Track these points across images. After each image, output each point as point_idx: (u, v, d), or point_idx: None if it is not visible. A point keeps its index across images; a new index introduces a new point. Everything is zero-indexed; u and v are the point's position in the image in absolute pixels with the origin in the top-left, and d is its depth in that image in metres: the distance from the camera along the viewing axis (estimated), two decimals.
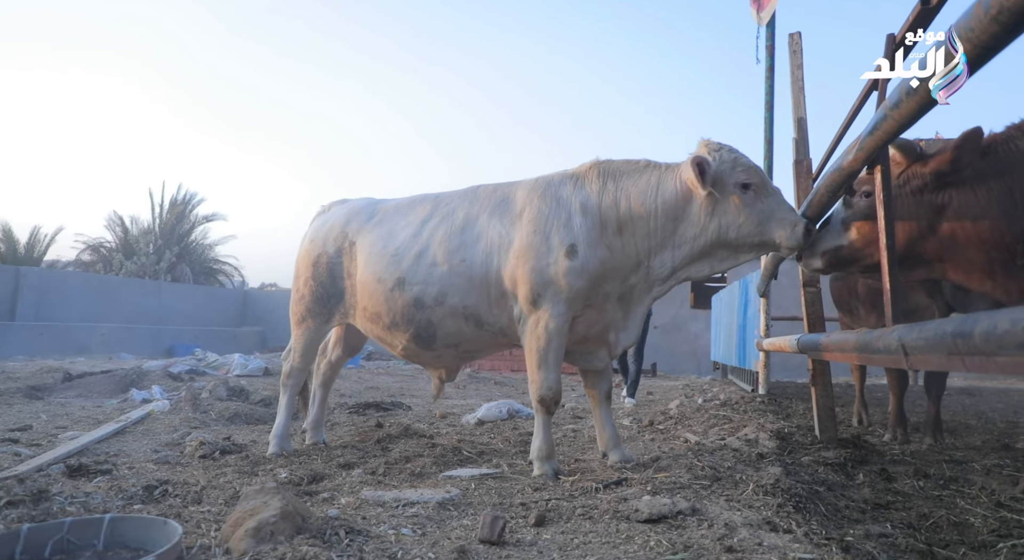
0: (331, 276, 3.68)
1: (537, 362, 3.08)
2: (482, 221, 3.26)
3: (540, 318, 3.04)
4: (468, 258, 3.21)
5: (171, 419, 4.95)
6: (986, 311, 1.28)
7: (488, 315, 3.24)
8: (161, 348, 16.40)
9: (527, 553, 1.84)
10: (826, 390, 3.81)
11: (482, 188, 3.46)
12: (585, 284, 3.03)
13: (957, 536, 2.23)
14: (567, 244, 3.02)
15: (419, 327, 3.33)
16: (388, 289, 3.35)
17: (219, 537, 1.85)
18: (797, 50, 3.91)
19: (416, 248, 3.33)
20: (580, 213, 3.08)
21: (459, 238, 3.26)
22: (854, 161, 2.05)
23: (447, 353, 3.48)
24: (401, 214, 3.57)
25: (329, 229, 3.78)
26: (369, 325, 3.56)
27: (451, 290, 3.22)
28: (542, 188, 3.21)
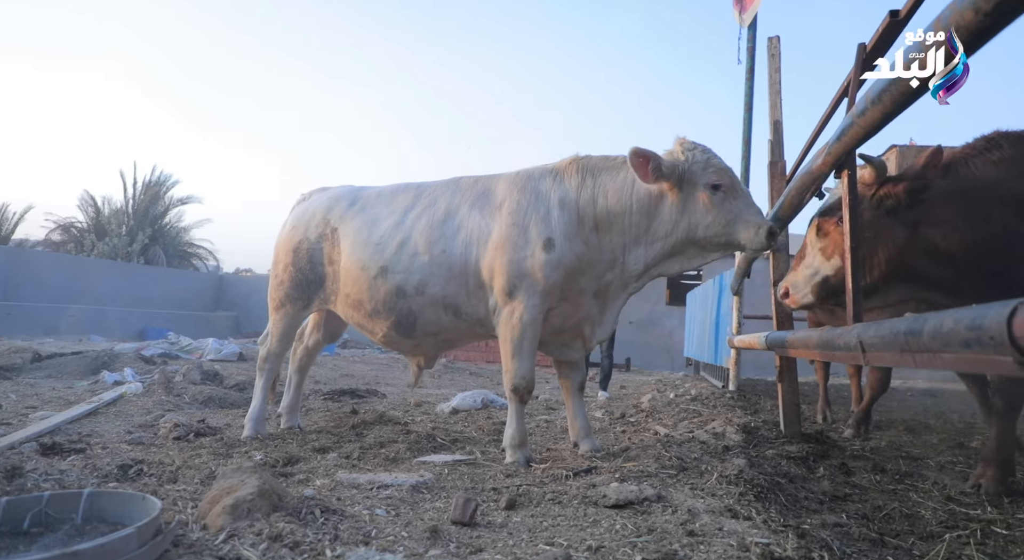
0: (311, 263, 3.69)
1: (511, 352, 3.13)
2: (463, 212, 3.30)
3: (515, 309, 3.09)
4: (448, 249, 3.25)
5: (144, 401, 4.93)
6: (934, 312, 1.36)
7: (466, 305, 3.28)
8: (133, 331, 16.17)
9: (497, 534, 1.90)
10: (792, 386, 3.93)
11: (464, 180, 3.50)
12: (560, 277, 3.09)
13: (908, 527, 2.34)
14: (544, 237, 3.07)
15: (400, 315, 3.36)
16: (371, 277, 3.38)
17: (196, 514, 1.89)
18: (776, 54, 4.00)
19: (399, 237, 3.37)
20: (558, 207, 3.13)
21: (440, 229, 3.30)
22: (823, 165, 2.14)
23: (426, 341, 3.52)
24: (384, 203, 3.59)
25: (311, 216, 3.79)
26: (351, 312, 3.58)
27: (432, 279, 3.27)
28: (522, 182, 3.26)
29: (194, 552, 1.59)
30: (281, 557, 1.58)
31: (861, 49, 2.09)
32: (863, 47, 2.09)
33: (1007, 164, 2.40)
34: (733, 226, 2.96)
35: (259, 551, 1.60)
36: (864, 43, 2.09)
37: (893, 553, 2.00)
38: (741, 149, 7.25)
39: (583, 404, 3.57)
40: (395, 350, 3.78)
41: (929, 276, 2.63)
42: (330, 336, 4.26)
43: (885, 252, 2.57)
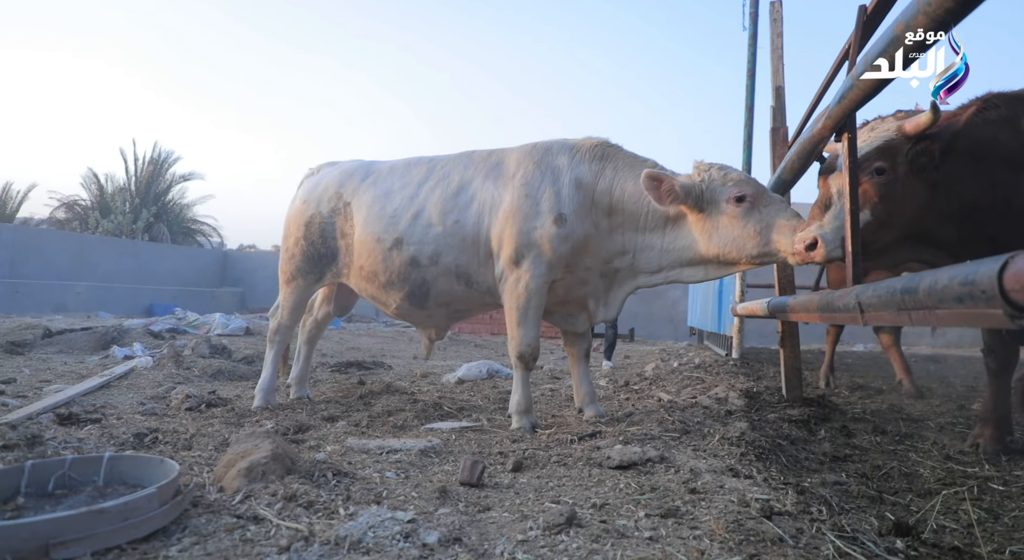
0: (323, 236, 3.71)
1: (517, 320, 3.17)
2: (476, 184, 3.34)
3: (520, 277, 3.13)
4: (461, 219, 3.29)
5: (155, 375, 5.00)
6: (929, 270, 1.39)
7: (477, 274, 3.33)
8: (140, 307, 16.29)
9: (504, 494, 1.96)
10: (794, 352, 3.97)
11: (477, 153, 3.52)
12: (568, 251, 3.12)
13: (906, 485, 2.40)
14: (556, 212, 3.10)
15: (414, 285, 3.41)
16: (386, 249, 3.42)
17: (212, 477, 1.95)
18: (777, 19, 3.96)
19: (413, 209, 3.40)
20: (573, 186, 3.15)
21: (454, 200, 3.33)
22: (823, 129, 2.14)
23: (438, 312, 3.56)
24: (397, 175, 3.61)
25: (323, 190, 3.80)
26: (364, 284, 3.61)
27: (445, 249, 3.31)
28: (539, 154, 3.28)
29: (212, 512, 1.65)
30: (296, 516, 1.64)
31: (862, 11, 2.08)
32: (863, 9, 2.07)
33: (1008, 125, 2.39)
34: (767, 235, 2.81)
35: (275, 510, 1.66)
36: (864, 5, 2.07)
37: (891, 509, 2.06)
38: (744, 116, 7.19)
39: (588, 371, 3.63)
40: (407, 321, 3.79)
41: (938, 238, 2.59)
42: (340, 309, 4.28)
43: (909, 211, 2.47)
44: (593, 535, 1.55)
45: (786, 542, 1.54)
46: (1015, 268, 1.03)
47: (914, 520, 1.93)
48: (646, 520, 1.67)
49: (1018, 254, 1.04)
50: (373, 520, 1.54)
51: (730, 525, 1.60)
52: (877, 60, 1.69)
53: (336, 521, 1.60)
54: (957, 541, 1.75)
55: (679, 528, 1.62)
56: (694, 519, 1.69)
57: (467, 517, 1.70)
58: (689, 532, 1.58)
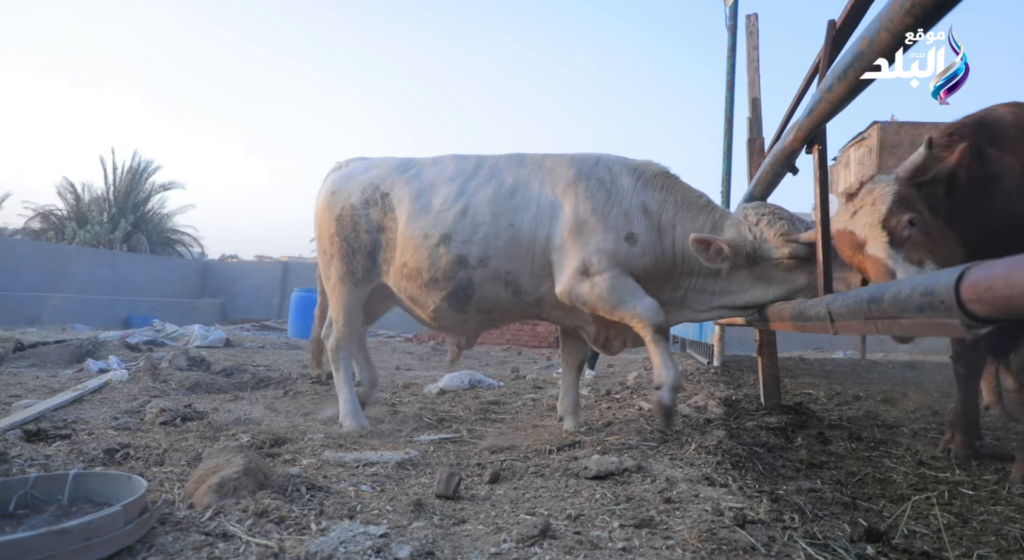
0: (356, 229, 3.49)
1: (623, 300, 2.98)
2: (533, 188, 3.21)
3: (596, 280, 2.99)
4: (517, 223, 3.15)
5: (130, 388, 4.92)
6: (894, 280, 1.41)
7: (528, 284, 3.19)
8: (117, 319, 16.04)
9: (480, 506, 1.95)
10: (772, 360, 4.00)
11: (529, 156, 3.40)
12: (639, 268, 3.05)
13: (879, 490, 2.42)
14: (627, 231, 3.04)
15: (458, 287, 3.22)
16: (433, 245, 3.22)
17: (183, 493, 1.92)
18: (753, 31, 4.02)
19: (460, 205, 3.23)
20: (641, 210, 3.09)
21: (508, 202, 3.19)
22: (794, 141, 2.17)
23: (475, 318, 3.40)
24: (440, 168, 3.43)
25: (356, 182, 3.56)
26: (405, 283, 3.39)
27: (496, 253, 3.16)
28: (602, 170, 3.19)
29: (181, 529, 1.62)
30: (267, 532, 1.62)
31: (831, 26, 2.12)
32: (832, 24, 2.11)
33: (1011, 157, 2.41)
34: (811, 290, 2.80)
35: (245, 527, 1.64)
36: (833, 20, 2.11)
37: (864, 515, 2.08)
38: (724, 127, 7.29)
39: (578, 383, 3.65)
40: (439, 326, 3.57)
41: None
42: (369, 317, 4.01)
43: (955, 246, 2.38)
44: (567, 547, 1.54)
45: (758, 551, 1.55)
46: (971, 279, 1.05)
47: (885, 526, 1.95)
48: (620, 531, 1.67)
49: (973, 265, 1.06)
50: (345, 535, 1.53)
51: (703, 534, 1.60)
52: (846, 73, 1.73)
53: (307, 537, 1.58)
54: (927, 546, 1.78)
55: (652, 538, 1.62)
56: (668, 529, 1.69)
57: (441, 531, 1.69)
58: (662, 542, 1.59)
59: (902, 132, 17.72)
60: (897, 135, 17.69)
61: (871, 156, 18.37)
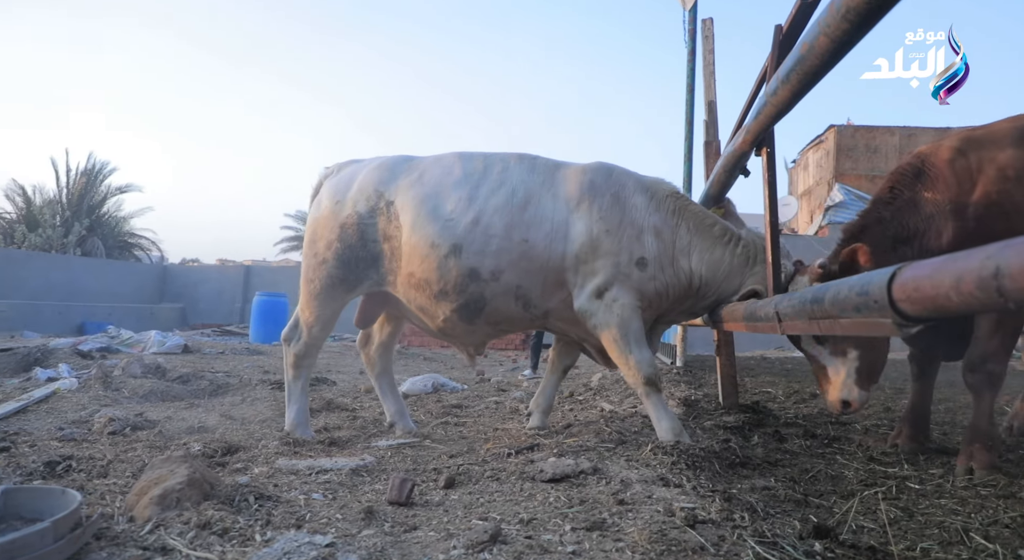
0: (362, 238, 3.29)
1: (625, 346, 3.00)
2: (546, 202, 3.11)
3: (611, 306, 2.99)
4: (531, 239, 3.05)
5: (79, 397, 4.76)
6: (836, 280, 1.43)
7: (538, 298, 3.13)
8: (71, 326, 15.54)
9: (433, 512, 1.92)
10: (729, 360, 4.06)
11: (540, 161, 3.29)
12: (651, 292, 3.06)
13: (831, 487, 2.47)
14: (639, 255, 3.02)
15: (470, 299, 3.11)
16: (442, 256, 3.08)
17: (124, 506, 1.85)
18: (709, 35, 4.08)
19: (471, 214, 3.09)
20: (654, 234, 3.07)
21: (521, 215, 3.08)
22: (743, 143, 2.20)
23: (484, 329, 3.31)
24: (446, 172, 3.25)
25: (359, 188, 3.35)
26: (413, 293, 3.23)
27: (509, 267, 3.06)
28: (617, 188, 3.13)
29: (117, 544, 1.56)
30: (209, 544, 1.57)
31: (777, 31, 2.15)
32: (779, 29, 2.15)
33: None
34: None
35: (186, 540, 1.59)
36: (780, 25, 2.15)
37: (815, 512, 2.11)
38: (684, 130, 7.38)
39: (559, 385, 3.76)
40: (448, 337, 3.44)
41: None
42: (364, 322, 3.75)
43: None
44: (516, 552, 1.53)
45: (707, 550, 1.55)
46: (901, 279, 1.07)
47: (834, 521, 1.98)
48: (571, 534, 1.67)
49: (904, 266, 1.08)
50: (289, 546, 1.49)
51: (653, 535, 1.61)
52: (789, 76, 1.75)
53: (251, 548, 1.54)
54: (873, 540, 1.81)
55: (603, 540, 1.62)
56: (619, 531, 1.69)
57: (391, 538, 1.67)
58: (612, 544, 1.59)
59: (857, 135, 18.34)
60: (853, 138, 18.31)
61: (828, 159, 18.92)
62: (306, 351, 3.43)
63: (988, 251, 0.82)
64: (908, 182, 2.72)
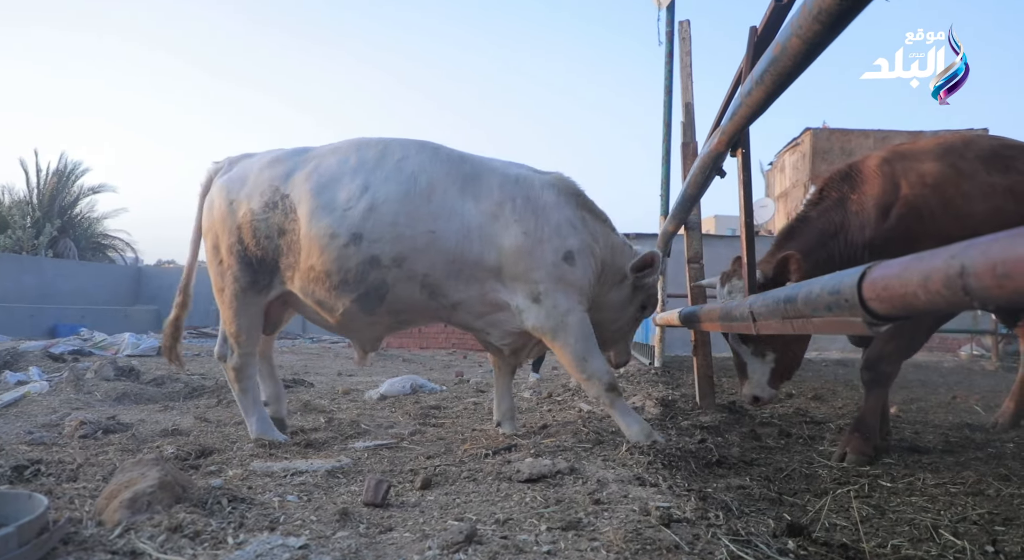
0: (256, 236, 3.11)
1: (580, 355, 2.98)
2: (452, 196, 3.02)
3: (554, 314, 2.97)
4: (439, 232, 2.95)
5: (50, 401, 4.67)
6: (809, 279, 1.45)
7: (448, 289, 3.03)
8: (42, 329, 15.25)
9: (409, 513, 1.91)
10: (706, 360, 4.09)
11: (444, 151, 3.17)
12: (585, 286, 3.07)
13: (805, 486, 2.50)
14: (563, 251, 3.01)
15: (371, 287, 2.98)
16: (342, 245, 2.94)
17: (92, 510, 1.81)
18: (686, 37, 4.11)
19: (366, 202, 2.95)
20: (569, 226, 3.07)
21: (426, 205, 2.96)
22: (718, 144, 2.22)
23: (385, 320, 3.16)
24: (341, 158, 3.10)
25: (252, 183, 3.16)
26: (312, 287, 3.07)
27: (414, 255, 2.94)
28: (525, 190, 3.09)
29: (85, 548, 1.53)
30: (180, 548, 1.54)
31: (752, 32, 2.18)
32: (754, 30, 2.18)
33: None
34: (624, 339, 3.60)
35: (156, 543, 1.56)
36: (755, 26, 2.18)
37: (789, 510, 2.13)
38: (662, 132, 7.42)
39: (511, 386, 3.62)
40: (347, 332, 3.30)
41: None
42: (270, 326, 3.55)
43: None
44: (491, 552, 1.53)
45: (681, 548, 1.56)
46: (871, 278, 1.08)
47: (807, 519, 2.00)
48: (547, 533, 1.67)
49: (874, 265, 1.09)
50: (262, 548, 1.47)
51: (628, 535, 1.61)
52: (763, 77, 1.77)
53: (223, 551, 1.52)
54: (845, 538, 1.83)
55: (579, 540, 1.62)
56: (595, 530, 1.69)
57: (366, 540, 1.65)
58: (588, 544, 1.59)
59: (833, 138, 18.63)
60: (828, 141, 18.59)
61: (804, 161, 19.18)
62: (243, 362, 3.24)
63: (952, 250, 0.83)
64: (836, 185, 3.06)
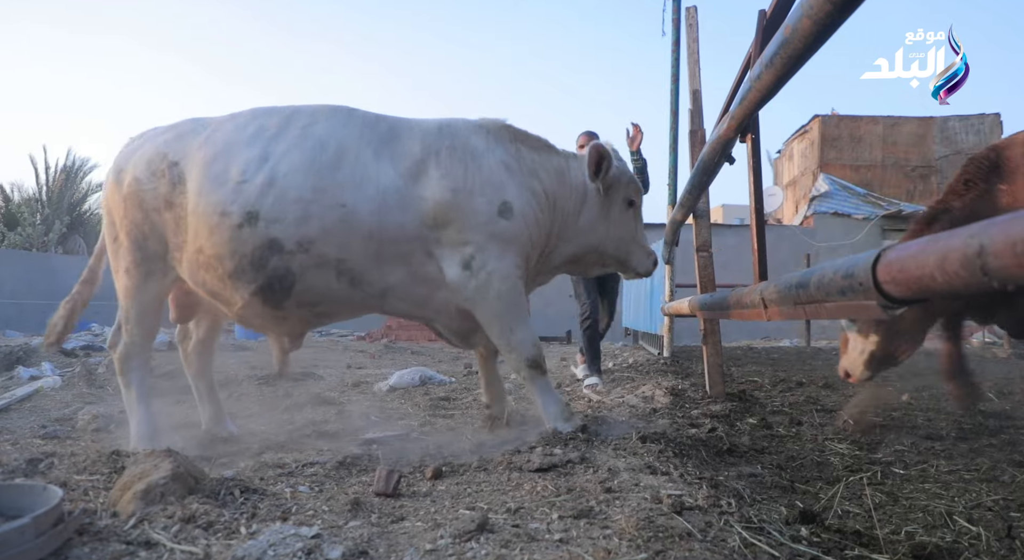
0: (143, 209, 2.76)
1: (507, 325, 2.72)
2: (366, 160, 2.65)
3: (486, 280, 2.66)
4: (351, 204, 2.59)
5: (63, 395, 4.71)
6: (820, 264, 1.43)
7: (372, 274, 2.68)
8: None
9: (420, 503, 1.91)
10: (716, 349, 4.07)
11: (358, 113, 2.82)
12: (526, 239, 2.79)
13: (817, 473, 2.48)
14: (498, 202, 2.70)
15: (272, 277, 2.60)
16: (234, 225, 2.56)
17: (107, 501, 1.83)
18: (693, 24, 4.08)
19: (264, 174, 2.59)
20: (504, 170, 2.77)
21: (333, 174, 2.61)
22: (728, 130, 2.20)
23: (297, 314, 2.78)
24: (239, 128, 2.75)
25: (142, 152, 2.83)
26: (202, 274, 2.72)
27: (322, 236, 2.58)
28: (449, 139, 2.77)
29: (100, 539, 1.54)
30: (193, 538, 1.55)
31: (761, 15, 2.15)
32: (763, 13, 2.15)
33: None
34: (631, 245, 3.08)
35: (170, 533, 1.57)
36: (764, 10, 2.15)
37: (801, 497, 2.12)
38: (669, 120, 7.38)
39: (496, 367, 3.44)
40: (253, 326, 2.97)
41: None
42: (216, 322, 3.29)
43: None
44: (504, 540, 1.53)
45: (694, 536, 1.56)
46: (887, 260, 1.06)
47: (820, 507, 1.99)
48: (559, 522, 1.66)
49: (889, 248, 1.08)
50: (275, 538, 1.48)
51: (640, 523, 1.61)
52: (773, 60, 1.75)
53: (236, 541, 1.53)
54: (858, 525, 1.82)
55: (591, 528, 1.62)
56: (606, 518, 1.69)
57: (378, 529, 1.66)
58: (600, 532, 1.58)
59: (842, 125, 18.46)
60: (837, 128, 18.43)
61: (813, 149, 19.02)
62: (129, 352, 2.95)
63: (972, 230, 0.81)
64: (983, 174, 2.79)
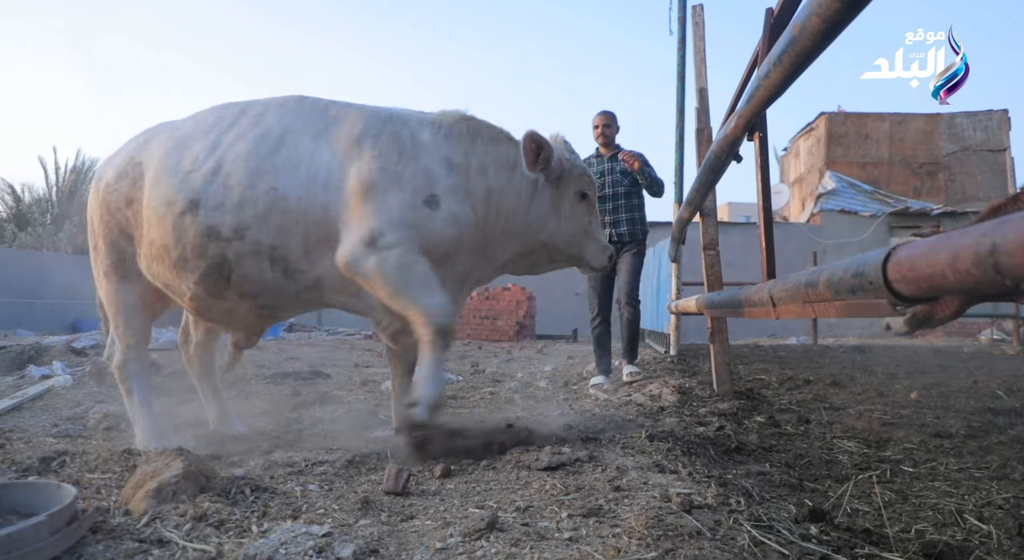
0: (109, 210, 2.85)
1: (412, 291, 2.53)
2: (304, 143, 2.65)
3: (385, 256, 2.51)
4: (282, 187, 2.57)
5: (74, 394, 4.75)
6: (829, 263, 1.43)
7: (301, 262, 2.64)
8: (64, 324, 15.48)
9: (429, 501, 1.92)
10: (723, 347, 4.06)
11: (310, 100, 2.83)
12: (447, 237, 2.64)
13: (826, 471, 2.48)
14: (426, 193, 2.61)
15: (211, 264, 2.62)
16: (178, 214, 2.61)
17: (119, 500, 1.85)
18: (699, 22, 4.07)
19: (211, 163, 2.63)
20: (445, 166, 2.69)
21: (270, 158, 2.61)
22: (735, 128, 2.19)
23: (242, 306, 2.78)
24: (197, 122, 2.83)
25: (117, 158, 2.95)
26: (156, 266, 2.76)
27: (255, 222, 2.57)
28: (395, 126, 2.73)
29: (114, 537, 1.56)
30: (205, 536, 1.57)
31: (768, 14, 2.15)
32: (770, 12, 2.14)
33: None
34: (584, 240, 2.96)
35: (183, 532, 1.58)
36: (771, 8, 2.14)
37: (810, 496, 2.12)
38: (675, 119, 7.35)
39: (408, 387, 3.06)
40: (208, 319, 3.01)
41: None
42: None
43: None
44: (513, 539, 1.53)
45: (703, 535, 1.56)
46: (896, 259, 1.06)
47: (829, 505, 1.99)
48: (568, 520, 1.67)
49: (900, 245, 1.08)
50: (286, 536, 1.49)
51: (650, 521, 1.61)
52: (781, 59, 1.75)
53: (247, 539, 1.54)
54: (868, 523, 1.82)
55: (600, 527, 1.62)
56: (616, 517, 1.69)
57: (388, 527, 1.67)
58: (609, 530, 1.59)
59: (848, 122, 18.38)
60: (844, 125, 18.35)
61: (819, 146, 18.95)
62: (124, 359, 2.97)
63: (984, 228, 0.81)
64: None
